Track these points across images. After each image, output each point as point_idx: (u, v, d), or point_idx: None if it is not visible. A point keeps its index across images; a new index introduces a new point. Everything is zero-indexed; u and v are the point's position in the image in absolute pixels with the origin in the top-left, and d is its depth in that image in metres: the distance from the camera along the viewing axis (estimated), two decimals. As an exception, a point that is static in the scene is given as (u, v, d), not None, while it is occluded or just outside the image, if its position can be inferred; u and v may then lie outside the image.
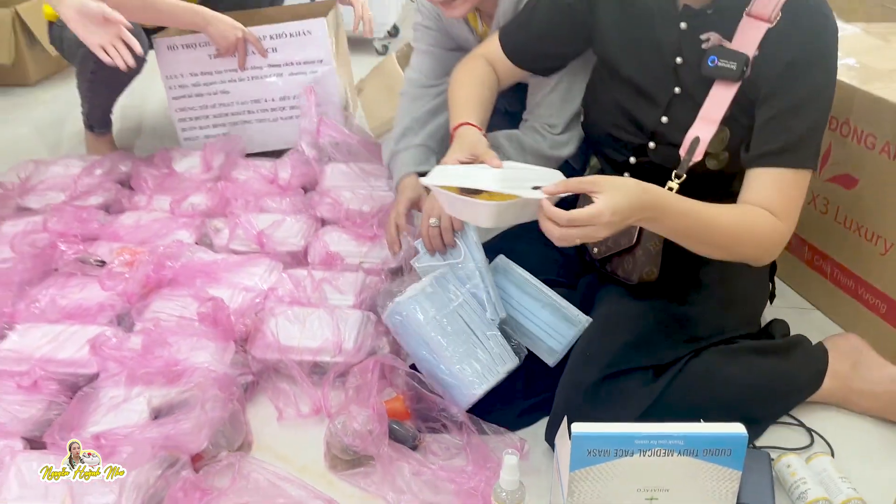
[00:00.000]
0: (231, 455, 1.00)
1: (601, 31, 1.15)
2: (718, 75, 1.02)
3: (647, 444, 0.84)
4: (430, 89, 1.46)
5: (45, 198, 1.69)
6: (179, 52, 1.86)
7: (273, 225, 1.52)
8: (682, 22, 1.06)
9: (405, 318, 1.11)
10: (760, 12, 0.99)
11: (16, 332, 1.24)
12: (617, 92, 1.15)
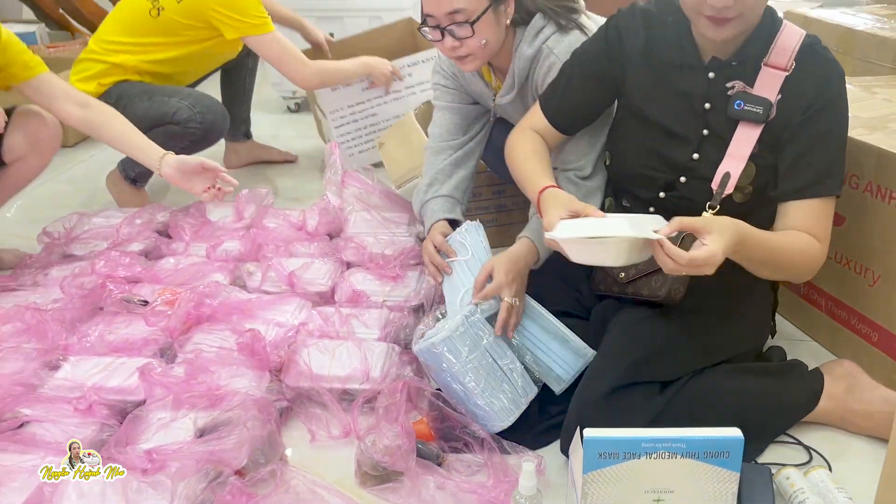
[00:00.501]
0: (273, 464, 1.09)
1: (631, 86, 1.27)
2: (744, 118, 1.15)
3: (652, 447, 0.93)
4: (451, 142, 1.59)
5: (89, 245, 1.81)
6: (340, 90, 2.29)
7: (302, 267, 1.64)
8: (710, 72, 1.18)
9: (438, 356, 1.20)
10: (777, 62, 1.13)
11: (69, 364, 1.34)
12: (647, 136, 1.26)
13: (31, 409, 1.20)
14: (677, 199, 1.25)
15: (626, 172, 1.33)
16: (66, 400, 1.22)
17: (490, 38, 1.37)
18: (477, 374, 1.20)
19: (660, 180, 1.26)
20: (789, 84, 1.13)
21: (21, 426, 1.18)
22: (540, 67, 1.40)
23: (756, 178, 1.18)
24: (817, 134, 1.14)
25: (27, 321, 1.43)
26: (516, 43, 1.43)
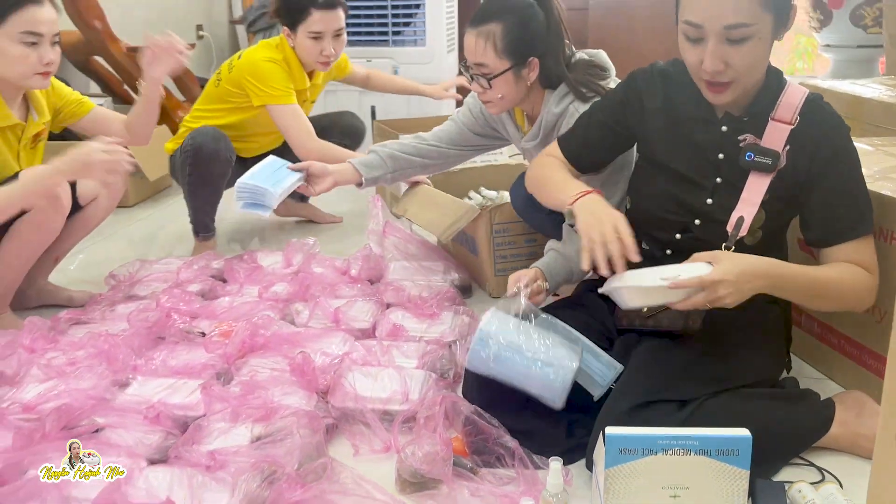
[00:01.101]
0: (325, 457, 1.20)
1: (649, 136, 1.42)
2: (754, 168, 1.29)
3: (668, 443, 1.03)
4: (433, 141, 1.92)
5: (151, 287, 1.98)
6: None
7: (346, 304, 1.78)
8: (723, 126, 1.33)
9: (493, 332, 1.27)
10: (783, 117, 1.27)
11: (136, 382, 1.48)
12: (665, 182, 1.40)
13: (105, 417, 1.33)
14: (693, 241, 1.37)
15: (645, 216, 1.46)
16: (136, 410, 1.35)
17: (506, 94, 1.58)
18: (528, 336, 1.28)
19: (676, 223, 1.39)
20: (795, 136, 1.27)
21: (96, 431, 1.30)
22: (567, 124, 1.58)
23: (766, 223, 1.31)
24: (837, 181, 1.27)
25: (99, 346, 1.58)
26: (545, 101, 1.61)
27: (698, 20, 1.20)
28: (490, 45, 1.58)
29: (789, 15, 1.23)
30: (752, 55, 1.21)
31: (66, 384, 1.44)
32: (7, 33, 1.65)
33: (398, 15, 3.18)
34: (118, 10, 3.88)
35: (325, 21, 2.20)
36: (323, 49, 2.23)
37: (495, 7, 1.60)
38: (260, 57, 2.25)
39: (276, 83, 2.22)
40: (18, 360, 1.55)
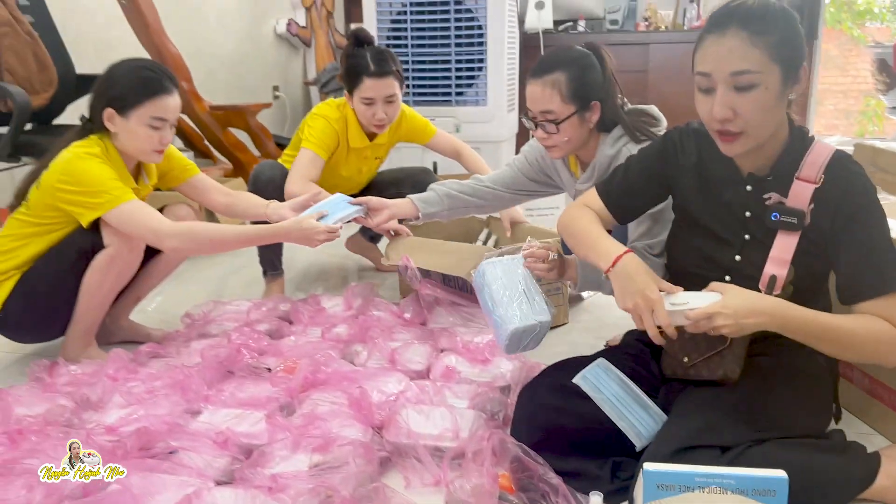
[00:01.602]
0: (377, 482, 1.27)
1: (682, 192, 1.48)
2: (781, 227, 1.32)
3: (705, 481, 1.07)
4: (488, 183, 2.07)
5: (223, 326, 2.11)
6: None
7: (403, 346, 1.86)
8: (748, 185, 1.38)
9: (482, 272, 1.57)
10: (807, 176, 1.31)
11: (207, 411, 1.59)
12: (696, 237, 1.46)
13: (179, 441, 1.44)
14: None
15: (678, 270, 1.52)
16: (206, 435, 1.45)
17: (572, 137, 1.71)
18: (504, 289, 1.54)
19: (708, 278, 1.41)
20: (819, 194, 1.29)
21: (171, 453, 1.41)
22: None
23: (795, 279, 1.32)
24: (859, 240, 1.28)
25: (175, 377, 1.71)
26: (600, 144, 1.75)
27: (707, 69, 1.26)
28: (556, 93, 1.71)
29: (799, 71, 1.26)
30: (759, 104, 1.24)
31: (145, 410, 1.56)
32: (139, 116, 1.86)
33: (461, 76, 3.34)
34: (203, 72, 4.19)
35: (375, 88, 2.33)
36: (375, 113, 2.36)
37: (556, 59, 1.74)
38: (317, 111, 2.45)
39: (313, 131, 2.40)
40: (103, 387, 1.69)
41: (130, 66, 1.91)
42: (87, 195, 1.80)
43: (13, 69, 2.65)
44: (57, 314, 1.93)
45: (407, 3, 3.29)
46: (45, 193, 1.84)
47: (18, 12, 2.72)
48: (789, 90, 1.27)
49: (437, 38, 3.30)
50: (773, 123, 1.30)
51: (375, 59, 2.32)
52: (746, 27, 1.21)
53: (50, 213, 1.86)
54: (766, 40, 1.21)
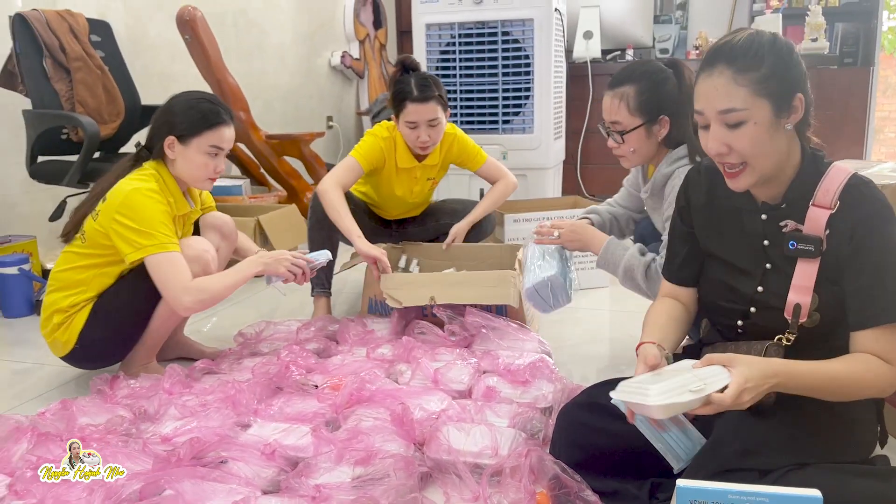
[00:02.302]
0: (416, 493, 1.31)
1: (700, 231, 1.49)
2: (800, 255, 1.31)
3: (738, 499, 1.07)
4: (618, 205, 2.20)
5: (274, 345, 2.19)
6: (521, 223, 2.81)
7: (446, 366, 1.90)
8: (763, 214, 1.38)
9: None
10: (822, 202, 1.29)
11: (256, 424, 1.65)
12: (719, 271, 1.46)
13: (229, 451, 1.50)
14: (753, 327, 1.40)
15: (708, 304, 1.52)
16: (255, 447, 1.52)
17: (637, 149, 1.80)
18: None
19: (735, 311, 1.42)
20: (834, 220, 1.27)
21: (221, 463, 1.48)
22: (672, 185, 1.77)
23: (820, 305, 1.31)
24: (871, 265, 1.24)
25: (227, 392, 1.78)
26: (663, 160, 1.82)
27: (699, 107, 1.29)
28: (623, 105, 1.79)
29: (792, 101, 1.25)
30: (751, 139, 1.25)
31: (198, 422, 1.64)
32: (199, 145, 1.97)
33: (508, 105, 3.40)
34: (260, 103, 4.36)
35: (418, 112, 2.41)
36: (419, 136, 2.44)
37: (630, 72, 1.82)
38: (369, 131, 2.57)
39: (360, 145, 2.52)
40: (159, 400, 1.78)
41: (191, 98, 2.03)
42: (137, 233, 1.86)
43: (84, 101, 2.81)
44: (129, 341, 2.03)
45: (456, 35, 3.38)
46: (103, 227, 1.90)
47: (91, 48, 2.89)
48: (784, 121, 1.26)
49: (484, 67, 3.38)
50: (775, 154, 1.29)
51: (419, 84, 2.42)
52: (732, 64, 1.23)
53: (109, 246, 1.91)
54: (751, 76, 1.23)
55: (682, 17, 5.51)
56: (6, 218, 3.08)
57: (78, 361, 2.04)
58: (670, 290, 1.56)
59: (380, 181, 2.60)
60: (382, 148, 2.52)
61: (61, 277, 1.96)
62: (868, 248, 1.25)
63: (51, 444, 1.53)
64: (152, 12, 3.72)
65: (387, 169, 2.56)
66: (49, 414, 1.68)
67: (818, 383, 1.23)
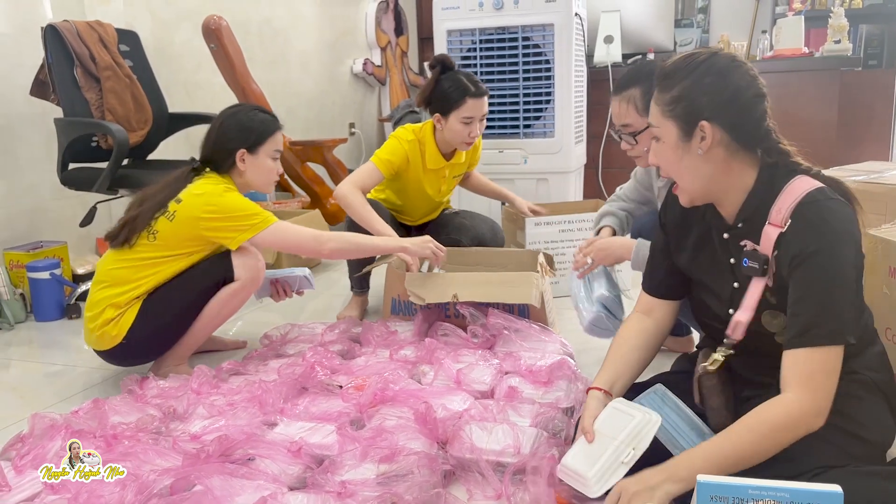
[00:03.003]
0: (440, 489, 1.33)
1: (676, 252, 1.49)
2: (749, 273, 1.31)
3: (758, 493, 1.08)
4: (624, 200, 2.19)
5: (298, 347, 2.23)
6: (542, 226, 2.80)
7: (468, 367, 1.92)
8: (724, 234, 1.37)
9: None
10: (775, 220, 1.27)
11: (282, 423, 1.69)
12: (699, 292, 1.47)
13: (256, 449, 1.53)
14: (740, 347, 1.37)
15: (699, 323, 1.54)
16: (282, 444, 1.55)
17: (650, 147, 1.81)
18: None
19: (717, 329, 1.41)
20: (783, 240, 1.25)
21: (249, 460, 1.51)
22: None
23: (788, 326, 1.26)
24: (805, 283, 1.21)
25: (253, 392, 1.82)
26: None
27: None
28: (632, 107, 1.84)
29: (694, 130, 1.27)
30: (663, 156, 1.32)
31: (225, 421, 1.67)
32: (266, 151, 2.16)
33: (529, 109, 3.42)
34: (284, 109, 4.42)
35: (476, 107, 2.49)
36: (471, 132, 2.52)
37: (632, 75, 1.87)
38: (393, 134, 2.62)
39: (383, 148, 2.57)
40: (188, 400, 1.82)
41: (247, 111, 2.18)
42: (237, 220, 2.02)
43: (113, 109, 2.88)
44: (170, 341, 2.11)
45: (477, 40, 3.41)
46: (182, 226, 2.01)
47: (119, 57, 2.96)
48: (693, 145, 1.28)
49: (505, 72, 3.40)
50: (698, 177, 1.30)
51: (472, 80, 2.50)
52: (658, 83, 1.32)
53: (185, 243, 2.04)
54: (664, 97, 1.30)
55: (703, 20, 5.50)
56: (38, 224, 3.16)
57: (119, 357, 2.10)
58: (646, 305, 1.56)
59: (406, 184, 2.64)
60: (406, 151, 2.56)
61: (114, 274, 2.03)
62: (805, 268, 1.22)
63: (84, 441, 1.57)
64: (177, 23, 3.79)
65: (413, 171, 2.60)
66: (82, 412, 1.73)
67: (729, 461, 1.20)
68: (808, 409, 1.19)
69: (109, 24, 3.01)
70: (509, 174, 3.48)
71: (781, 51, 4.25)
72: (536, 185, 3.46)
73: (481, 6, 3.35)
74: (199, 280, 2.05)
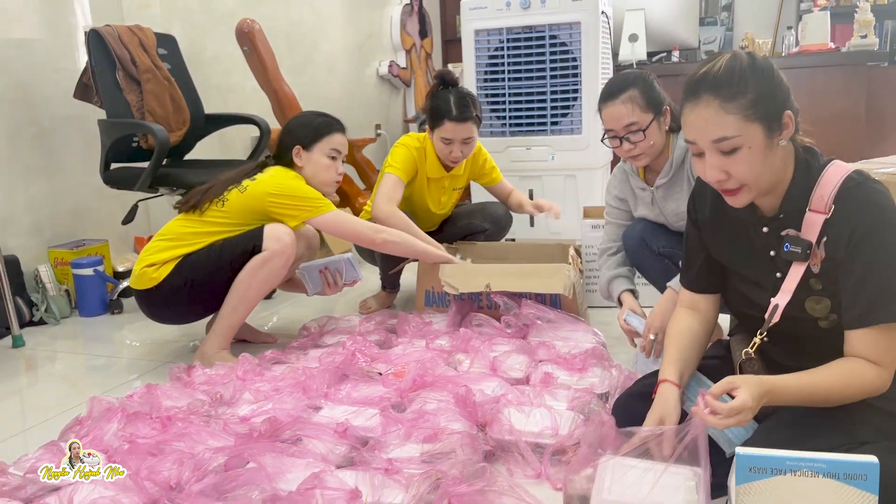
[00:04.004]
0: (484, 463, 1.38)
1: (711, 245, 1.51)
2: (790, 258, 1.33)
3: (796, 465, 1.11)
4: (614, 244, 2.17)
5: (336, 337, 2.29)
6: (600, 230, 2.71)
7: (503, 354, 1.97)
8: (764, 227, 1.39)
9: None
10: (817, 207, 1.30)
11: (326, 407, 1.75)
12: (738, 283, 1.49)
13: (303, 430, 1.60)
14: (779, 333, 1.40)
15: (735, 312, 1.56)
16: (328, 426, 1.61)
17: (656, 140, 1.92)
18: None
19: (758, 319, 1.43)
20: (829, 225, 1.28)
21: (297, 441, 1.57)
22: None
23: (832, 309, 1.32)
24: (864, 263, 1.23)
25: (297, 378, 1.88)
26: (673, 141, 1.96)
27: (691, 138, 1.30)
28: (635, 106, 1.90)
29: (781, 120, 1.26)
30: (748, 162, 1.26)
31: (272, 404, 1.74)
32: (321, 149, 2.32)
33: (556, 107, 3.46)
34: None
35: (455, 131, 2.53)
36: (451, 152, 2.57)
37: (623, 80, 1.94)
38: (399, 142, 2.69)
39: (395, 158, 2.63)
40: (234, 386, 1.88)
41: (309, 114, 2.41)
42: (302, 200, 2.21)
43: (153, 110, 2.97)
44: (197, 301, 2.22)
45: (504, 39, 3.46)
46: (251, 199, 2.20)
47: (159, 60, 3.05)
48: (777, 139, 1.28)
49: (532, 70, 3.45)
50: (771, 171, 1.30)
51: (458, 104, 2.52)
52: (717, 94, 1.24)
53: (249, 216, 2.20)
54: (739, 103, 1.23)
55: (727, 18, 5.52)
56: (80, 223, 3.26)
57: (149, 302, 2.24)
58: (689, 301, 1.57)
59: (412, 192, 2.69)
60: (415, 157, 2.62)
61: (177, 231, 2.23)
62: (861, 249, 1.24)
63: (139, 422, 1.64)
64: (210, 28, 3.89)
65: (419, 179, 2.67)
66: (136, 397, 1.80)
67: (806, 395, 1.25)
68: (886, 381, 1.25)
69: (149, 28, 3.10)
70: (537, 171, 3.53)
71: (808, 46, 4.26)
72: (564, 182, 3.50)
73: (508, 6, 3.41)
74: (231, 247, 2.17)
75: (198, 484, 1.37)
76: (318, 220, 2.24)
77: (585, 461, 1.36)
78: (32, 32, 3.02)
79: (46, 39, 3.07)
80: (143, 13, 3.47)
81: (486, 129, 3.57)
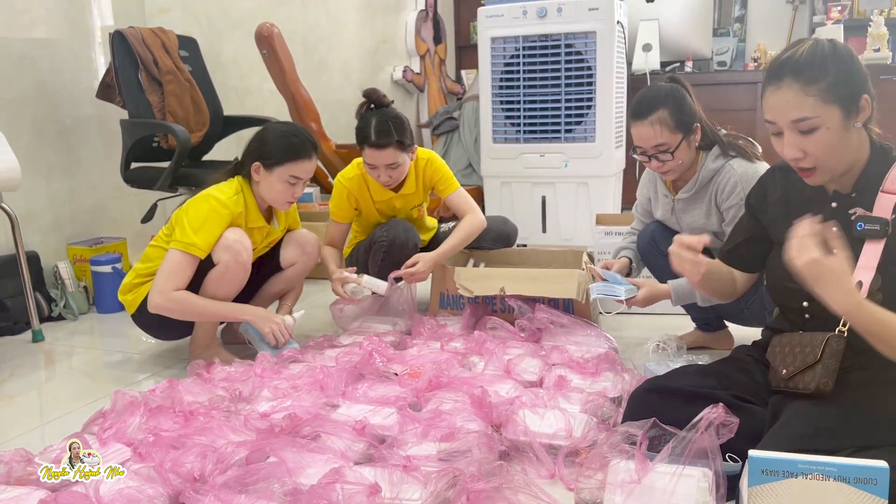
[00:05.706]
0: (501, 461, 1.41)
1: (772, 222, 1.58)
2: (866, 236, 1.39)
3: (808, 468, 1.15)
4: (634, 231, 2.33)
5: (352, 338, 2.32)
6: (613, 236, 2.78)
7: (517, 357, 2.01)
8: (833, 202, 1.46)
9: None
10: (890, 188, 1.38)
11: (344, 406, 1.78)
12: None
13: (322, 427, 1.63)
14: (819, 309, 1.43)
15: (777, 289, 1.60)
16: (347, 424, 1.64)
17: (685, 159, 1.97)
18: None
19: (801, 292, 1.46)
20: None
21: (316, 437, 1.61)
22: (722, 180, 1.95)
23: (883, 286, 1.37)
24: None
25: (315, 376, 1.92)
26: (701, 160, 2.00)
27: (771, 118, 1.38)
28: (664, 128, 1.94)
29: (859, 103, 1.34)
30: (825, 142, 1.34)
31: (291, 401, 1.77)
32: (280, 173, 2.20)
33: (570, 114, 3.50)
34: (327, 115, 4.54)
35: (375, 157, 2.42)
36: (378, 176, 2.47)
37: (653, 98, 1.97)
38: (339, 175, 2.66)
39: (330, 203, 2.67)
40: (252, 383, 1.92)
41: (281, 130, 2.25)
42: (182, 227, 2.11)
43: (174, 111, 3.02)
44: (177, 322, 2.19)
45: (520, 47, 3.50)
46: (174, 220, 2.19)
47: (180, 62, 3.11)
48: (853, 121, 1.35)
49: (548, 78, 3.49)
50: (847, 152, 1.38)
51: (377, 129, 2.39)
52: (798, 77, 1.32)
53: None
54: (819, 86, 1.32)
55: (740, 29, 5.54)
56: (99, 221, 3.31)
57: (140, 322, 2.29)
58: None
59: (368, 219, 2.67)
60: (350, 190, 2.57)
61: (147, 251, 2.29)
62: None
63: (162, 416, 1.68)
64: (230, 31, 3.94)
65: (365, 206, 2.62)
66: (158, 391, 1.84)
67: (886, 330, 1.27)
68: None
69: (171, 30, 3.15)
70: (550, 178, 3.56)
71: (820, 59, 4.27)
72: (577, 189, 3.53)
73: (525, 14, 3.45)
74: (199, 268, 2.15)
75: (221, 476, 1.41)
76: (169, 253, 2.12)
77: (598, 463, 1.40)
78: (55, 33, 3.07)
79: (69, 40, 3.13)
80: (164, 16, 3.53)
81: (500, 136, 3.61)
